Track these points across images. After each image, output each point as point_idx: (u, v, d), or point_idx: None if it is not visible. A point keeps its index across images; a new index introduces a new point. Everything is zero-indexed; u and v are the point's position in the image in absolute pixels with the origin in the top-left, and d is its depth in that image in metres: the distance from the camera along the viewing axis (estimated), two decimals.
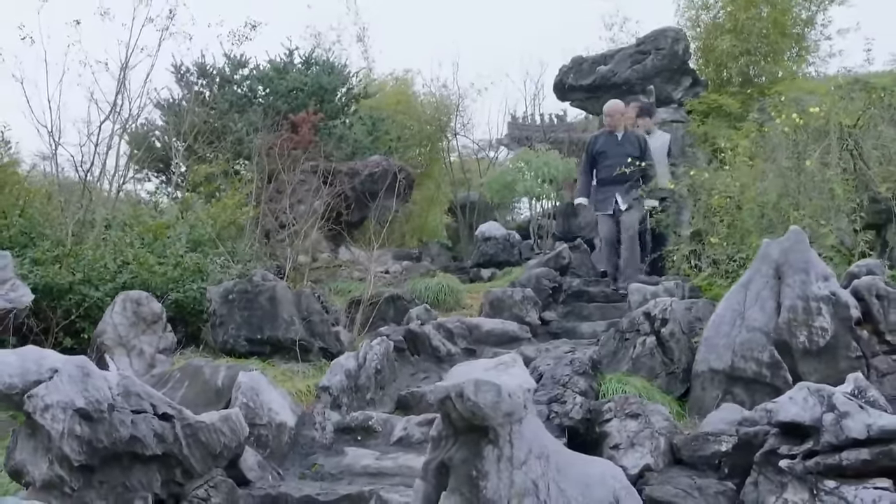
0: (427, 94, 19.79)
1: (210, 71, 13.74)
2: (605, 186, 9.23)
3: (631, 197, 9.06)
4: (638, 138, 9.40)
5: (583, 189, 9.67)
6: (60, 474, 3.71)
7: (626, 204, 9.06)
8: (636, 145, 9.28)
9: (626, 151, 9.12)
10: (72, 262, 6.78)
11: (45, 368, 3.85)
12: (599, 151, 9.36)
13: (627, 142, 9.32)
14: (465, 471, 3.19)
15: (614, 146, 9.31)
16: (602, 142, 9.44)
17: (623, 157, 9.01)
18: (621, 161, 8.94)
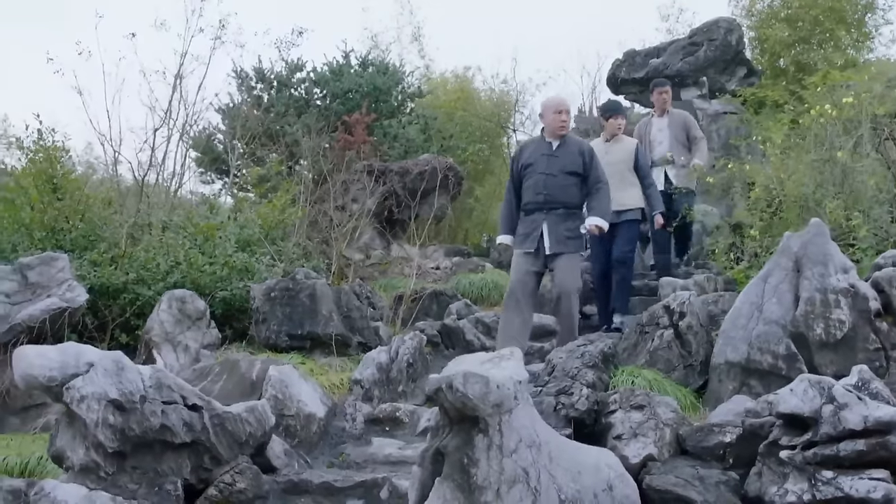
0: (486, 90, 19.97)
1: (268, 75, 14.14)
2: (530, 215, 6.43)
3: (565, 232, 6.29)
4: (581, 148, 6.48)
5: (505, 220, 6.72)
6: (96, 460, 4.01)
7: (555, 242, 6.27)
8: (578, 157, 6.40)
9: (561, 166, 6.38)
10: (126, 263, 7.17)
11: (83, 362, 4.15)
12: (526, 165, 6.53)
13: (566, 151, 6.44)
14: (458, 458, 3.36)
15: (546, 158, 6.44)
16: (531, 152, 6.61)
17: (557, 173, 6.36)
18: (555, 180, 6.36)
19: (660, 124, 8.84)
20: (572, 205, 6.38)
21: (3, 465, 4.84)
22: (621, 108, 8.10)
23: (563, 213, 6.31)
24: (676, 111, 8.97)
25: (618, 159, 7.56)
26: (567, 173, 6.35)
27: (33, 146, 8.26)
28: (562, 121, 6.48)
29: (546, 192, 6.32)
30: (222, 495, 4.21)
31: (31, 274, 6.32)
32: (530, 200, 6.43)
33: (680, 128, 8.71)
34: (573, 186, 6.37)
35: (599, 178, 6.42)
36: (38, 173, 7.98)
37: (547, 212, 6.31)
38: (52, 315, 5.95)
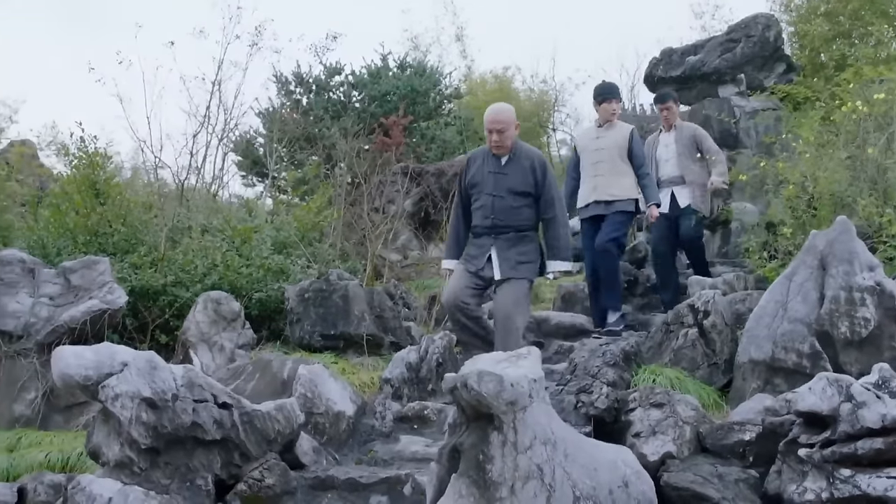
0: (525, 90, 20.01)
1: (306, 79, 14.36)
2: (479, 238, 5.72)
3: (516, 256, 5.56)
4: (533, 163, 5.64)
5: (451, 243, 5.98)
6: (130, 455, 4.17)
7: (506, 269, 5.54)
8: (529, 174, 5.61)
9: (510, 185, 5.60)
10: (165, 266, 7.37)
11: (117, 362, 4.32)
12: (473, 183, 5.74)
13: (516, 168, 5.63)
14: (473, 455, 3.45)
15: (493, 176, 5.64)
16: (477, 168, 5.77)
17: (506, 194, 5.60)
18: (503, 202, 5.60)
19: (666, 140, 8.09)
20: (524, 227, 5.63)
21: (46, 461, 5.06)
22: (616, 91, 7.40)
23: (514, 237, 5.58)
24: (686, 125, 8.19)
25: (610, 145, 7.06)
26: (517, 194, 5.57)
27: (77, 153, 8.53)
28: (493, 141, 5.61)
29: (494, 217, 5.58)
30: (251, 490, 4.34)
31: (73, 277, 6.53)
32: (478, 224, 5.70)
33: (688, 143, 7.90)
34: (525, 208, 5.61)
35: (552, 203, 5.60)
36: (82, 179, 8.24)
37: (496, 236, 5.59)
38: (93, 316, 6.15)
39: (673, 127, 8.02)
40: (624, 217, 7.04)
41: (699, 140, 7.90)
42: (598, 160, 7.02)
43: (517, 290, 5.47)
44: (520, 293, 5.49)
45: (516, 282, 5.48)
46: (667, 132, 8.09)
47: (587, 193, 7.13)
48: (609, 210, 6.98)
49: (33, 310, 6.25)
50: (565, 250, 5.60)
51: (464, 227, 5.88)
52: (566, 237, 5.65)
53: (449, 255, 5.94)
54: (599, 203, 7.04)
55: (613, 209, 6.96)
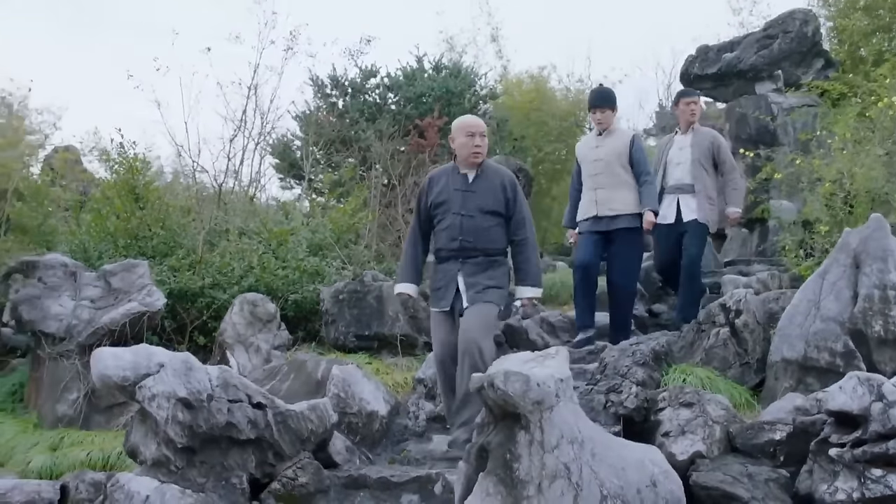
0: (562, 89, 19.95)
1: (342, 82, 14.48)
2: (443, 264, 5.18)
3: (485, 281, 5.04)
4: (503, 180, 5.14)
5: (405, 266, 5.36)
6: (167, 454, 4.28)
7: (474, 295, 5.00)
8: (499, 193, 5.10)
9: (480, 203, 5.06)
10: (203, 269, 7.50)
11: (154, 363, 4.43)
12: (437, 203, 5.18)
13: (486, 185, 5.11)
14: (501, 454, 3.49)
15: (461, 194, 5.10)
16: (442, 186, 5.20)
17: (475, 212, 5.06)
18: (472, 221, 5.05)
19: (682, 142, 7.09)
20: (494, 250, 5.10)
21: (88, 460, 5.20)
22: (608, 99, 6.63)
23: (482, 261, 5.05)
24: (705, 129, 7.18)
25: (609, 154, 6.46)
26: (487, 213, 5.05)
27: (117, 158, 8.71)
28: (475, 146, 5.07)
29: (462, 238, 5.03)
30: (285, 489, 4.43)
31: (113, 280, 6.69)
32: (443, 247, 5.13)
33: (705, 150, 6.92)
34: (496, 228, 5.09)
35: (523, 224, 5.13)
36: (122, 184, 8.42)
37: (463, 261, 5.06)
38: (133, 318, 6.29)
39: (691, 129, 7.06)
40: (635, 240, 6.47)
41: (717, 148, 6.98)
42: (597, 171, 6.48)
43: (484, 315, 4.90)
44: (487, 318, 4.92)
45: (483, 305, 4.93)
46: (683, 134, 7.12)
47: (587, 206, 6.55)
48: (612, 226, 6.40)
49: (75, 312, 6.41)
50: (535, 276, 5.13)
51: (421, 252, 5.34)
52: (537, 261, 5.21)
53: (405, 278, 5.31)
54: (601, 219, 6.45)
55: (617, 225, 6.38)
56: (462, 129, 5.14)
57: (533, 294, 5.14)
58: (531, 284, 5.11)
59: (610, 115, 6.56)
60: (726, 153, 7.04)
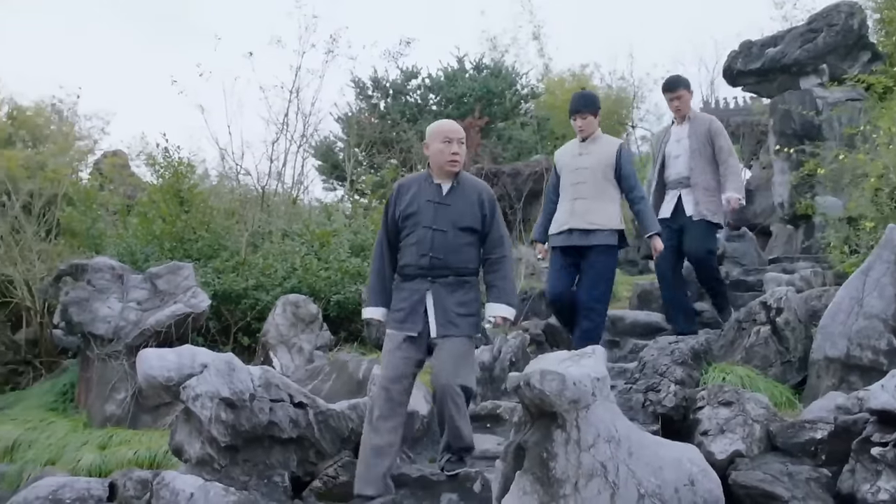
0: (604, 87, 19.88)
1: (383, 84, 14.60)
2: (410, 282, 4.58)
3: (455, 307, 4.48)
4: (481, 195, 4.58)
5: (375, 288, 4.73)
6: (210, 453, 4.37)
7: (444, 322, 4.45)
8: (476, 207, 4.56)
9: (454, 218, 4.52)
10: (246, 270, 7.62)
11: (198, 364, 4.53)
12: (407, 214, 4.59)
13: (461, 198, 4.57)
14: (537, 452, 3.51)
15: (433, 207, 4.55)
16: (413, 195, 4.62)
17: (449, 228, 4.51)
18: (445, 237, 4.50)
19: (678, 133, 6.73)
20: (467, 270, 4.58)
21: (135, 458, 5.33)
22: (580, 105, 5.97)
23: (453, 282, 4.52)
24: (701, 115, 6.83)
25: (593, 164, 5.85)
26: (461, 229, 4.52)
27: (162, 162, 8.89)
28: (452, 153, 4.52)
29: (433, 254, 4.50)
30: (326, 487, 4.49)
31: (159, 282, 6.83)
32: (411, 263, 4.56)
33: (703, 137, 6.57)
34: (470, 247, 4.58)
35: (501, 241, 4.64)
36: (167, 188, 8.59)
37: (433, 280, 4.51)
38: (178, 320, 6.42)
39: (686, 118, 6.69)
40: (610, 257, 5.84)
41: (713, 135, 6.58)
42: (579, 181, 5.87)
43: (459, 352, 4.44)
44: (463, 355, 4.46)
45: (456, 340, 4.43)
46: (679, 124, 6.76)
47: (563, 218, 5.89)
48: (587, 241, 5.75)
49: (122, 314, 6.56)
50: (511, 294, 4.61)
51: (389, 268, 4.72)
52: (513, 281, 4.71)
53: (374, 301, 4.71)
54: (575, 232, 5.80)
55: (593, 241, 5.73)
56: (438, 135, 4.58)
57: (507, 313, 4.55)
58: (506, 302, 4.54)
59: (592, 121, 5.93)
60: (723, 138, 6.61)
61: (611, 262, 5.88)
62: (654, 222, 5.86)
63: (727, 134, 6.71)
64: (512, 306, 4.57)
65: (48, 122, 14.07)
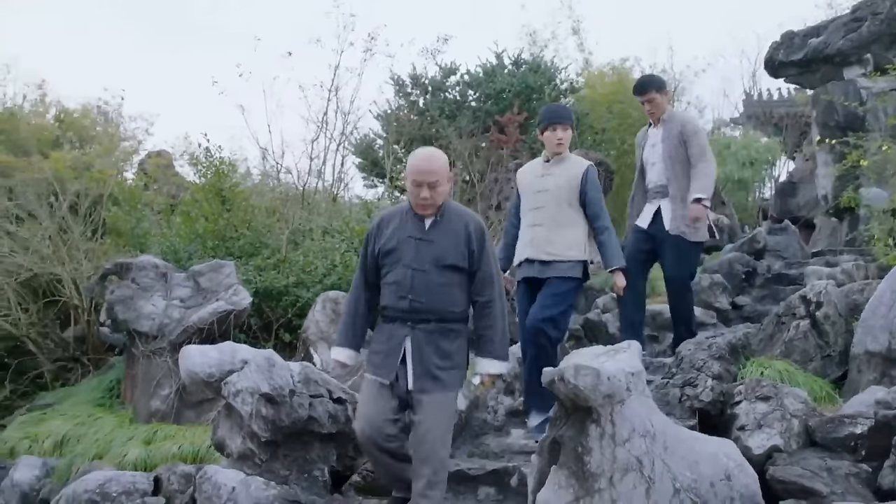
0: None
1: (422, 80, 14.65)
2: (390, 324, 4.12)
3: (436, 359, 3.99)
4: (468, 227, 4.09)
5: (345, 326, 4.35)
6: (251, 448, 4.45)
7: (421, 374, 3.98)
8: (462, 243, 4.08)
9: (436, 255, 4.05)
10: (287, 268, 7.72)
11: (238, 360, 4.62)
12: (387, 251, 4.15)
13: (445, 233, 4.09)
14: (572, 447, 3.53)
15: (414, 243, 4.09)
16: (394, 229, 4.18)
17: (430, 267, 4.03)
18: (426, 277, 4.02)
19: (654, 138, 6.10)
20: (452, 315, 4.05)
21: (179, 453, 5.44)
22: (563, 115, 5.32)
23: (435, 329, 4.01)
24: (676, 116, 6.09)
25: (556, 186, 5.16)
26: (444, 268, 4.03)
27: (204, 162, 9.04)
28: (422, 198, 4.04)
29: (413, 297, 4.00)
30: (365, 482, 4.56)
31: (201, 280, 6.96)
32: (390, 304, 4.09)
33: (675, 140, 5.90)
34: (454, 288, 4.06)
35: (490, 282, 4.09)
36: (209, 187, 8.73)
37: (413, 325, 4.01)
38: (220, 317, 6.54)
39: (661, 121, 6.01)
40: (566, 286, 5.06)
41: (687, 136, 5.87)
42: (540, 205, 5.20)
43: (442, 413, 3.95)
44: (446, 416, 3.98)
45: (439, 397, 3.95)
46: (655, 127, 6.10)
47: (522, 247, 5.27)
48: (546, 273, 5.08)
49: (166, 311, 6.69)
50: (501, 346, 4.06)
51: (364, 307, 4.30)
52: (504, 328, 4.08)
53: (341, 340, 4.29)
54: (534, 263, 5.13)
55: (552, 273, 5.06)
56: (409, 174, 4.09)
57: (497, 370, 4.09)
58: (495, 356, 4.04)
59: (570, 135, 5.29)
60: (697, 139, 5.88)
61: (568, 288, 5.06)
62: (619, 256, 5.11)
63: (703, 134, 6.06)
64: (502, 359, 4.06)
65: (94, 123, 14.33)
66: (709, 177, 5.83)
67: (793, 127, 16.59)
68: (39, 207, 8.78)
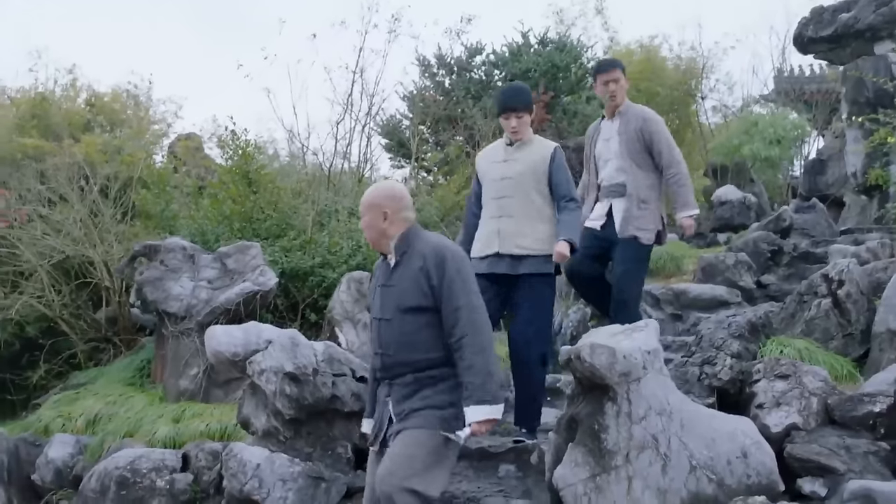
0: (673, 58, 19.55)
1: (448, 61, 14.66)
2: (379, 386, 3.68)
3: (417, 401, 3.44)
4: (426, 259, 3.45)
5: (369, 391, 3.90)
6: (275, 425, 4.55)
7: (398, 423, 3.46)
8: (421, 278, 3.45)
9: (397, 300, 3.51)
10: (313, 249, 7.80)
11: (263, 340, 4.71)
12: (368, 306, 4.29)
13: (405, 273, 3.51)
14: (589, 424, 3.59)
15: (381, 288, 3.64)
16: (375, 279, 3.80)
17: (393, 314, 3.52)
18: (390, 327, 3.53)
19: (608, 131, 5.45)
20: (428, 362, 3.45)
21: (207, 431, 5.56)
22: (517, 100, 4.94)
23: (412, 382, 3.46)
24: (635, 109, 5.41)
25: (521, 172, 4.85)
26: (405, 312, 3.47)
27: (231, 144, 9.14)
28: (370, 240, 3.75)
29: (382, 351, 3.55)
30: None
31: (228, 261, 7.06)
32: (372, 364, 3.72)
33: (634, 136, 5.29)
34: (423, 332, 3.45)
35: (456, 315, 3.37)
36: (235, 170, 8.83)
37: (390, 383, 3.53)
38: (246, 297, 6.63)
39: (617, 112, 5.38)
40: (542, 289, 4.82)
41: (649, 134, 5.30)
42: (504, 194, 4.86)
43: (407, 451, 3.34)
44: (412, 454, 3.33)
45: (408, 434, 3.37)
46: (609, 119, 5.47)
47: (486, 240, 4.90)
48: (516, 269, 4.79)
49: (194, 292, 6.80)
50: (483, 387, 3.32)
51: None
52: (484, 365, 3.35)
53: (368, 411, 3.79)
54: (503, 257, 4.80)
55: (523, 269, 4.78)
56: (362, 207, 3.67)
57: (485, 415, 3.32)
58: (482, 401, 3.32)
59: (527, 119, 4.93)
60: (662, 139, 5.31)
61: (547, 292, 4.87)
62: (572, 229, 4.74)
63: (667, 130, 5.45)
64: (490, 402, 3.32)
65: (124, 107, 14.47)
66: (689, 186, 5.41)
67: (823, 104, 16.38)
68: (70, 191, 8.91)
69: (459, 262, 3.46)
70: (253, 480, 4.30)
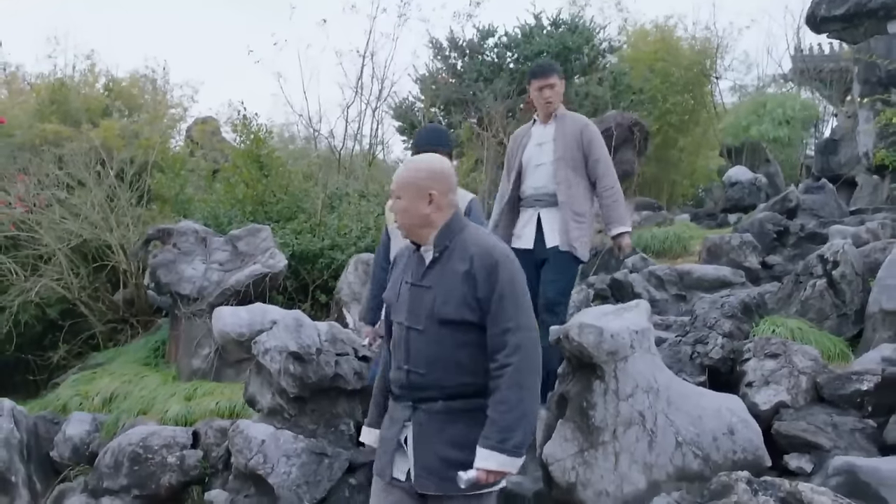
0: (688, 38, 19.48)
1: (460, 43, 14.68)
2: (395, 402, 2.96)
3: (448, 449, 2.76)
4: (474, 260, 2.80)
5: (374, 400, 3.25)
6: (280, 403, 4.68)
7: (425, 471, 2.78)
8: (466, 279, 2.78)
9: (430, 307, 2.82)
10: (322, 231, 7.94)
11: (268, 320, 4.84)
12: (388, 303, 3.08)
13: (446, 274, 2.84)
14: (578, 402, 3.70)
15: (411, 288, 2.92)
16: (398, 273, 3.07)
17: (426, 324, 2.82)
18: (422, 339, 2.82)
19: (541, 136, 5.05)
20: (465, 389, 2.80)
21: (216, 409, 5.72)
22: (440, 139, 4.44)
23: (443, 410, 2.80)
24: (572, 116, 5.08)
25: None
26: (444, 324, 2.80)
27: (242, 129, 9.27)
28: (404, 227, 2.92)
29: (410, 367, 2.85)
30: None
31: (239, 244, 7.21)
32: (391, 376, 2.98)
33: (572, 142, 4.89)
34: (464, 350, 2.79)
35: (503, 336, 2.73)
36: (247, 154, 8.97)
37: (415, 406, 2.85)
38: (256, 279, 6.78)
39: (553, 117, 5.03)
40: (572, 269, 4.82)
41: (588, 140, 4.91)
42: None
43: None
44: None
45: None
46: (543, 123, 5.09)
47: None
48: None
49: (206, 275, 6.96)
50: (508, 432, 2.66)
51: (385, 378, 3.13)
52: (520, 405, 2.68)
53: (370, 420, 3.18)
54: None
55: None
56: None
57: (496, 466, 2.66)
58: (497, 448, 2.66)
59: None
60: (599, 148, 4.95)
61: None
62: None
63: (603, 141, 5.06)
64: (509, 453, 2.66)
65: (142, 92, 14.62)
66: (623, 202, 5.04)
67: (838, 83, 16.29)
68: (88, 175, 9.08)
69: (513, 271, 2.79)
70: (258, 456, 4.43)
